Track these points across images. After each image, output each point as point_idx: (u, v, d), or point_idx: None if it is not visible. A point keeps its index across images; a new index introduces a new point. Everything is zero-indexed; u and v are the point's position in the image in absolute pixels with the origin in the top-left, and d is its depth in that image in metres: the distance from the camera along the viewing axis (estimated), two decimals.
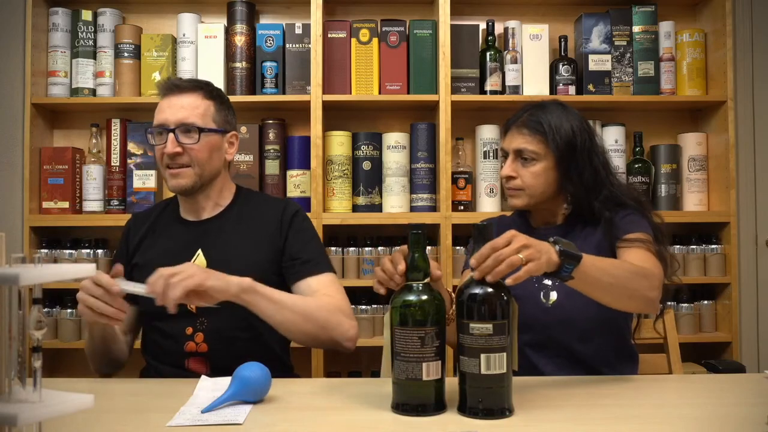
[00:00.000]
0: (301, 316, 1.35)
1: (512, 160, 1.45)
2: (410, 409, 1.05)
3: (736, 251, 2.39)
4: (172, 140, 1.45)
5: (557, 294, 1.41)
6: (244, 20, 2.37)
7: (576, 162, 1.42)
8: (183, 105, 1.47)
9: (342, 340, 1.39)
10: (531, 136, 1.43)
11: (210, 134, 1.48)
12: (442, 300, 1.06)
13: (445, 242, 2.27)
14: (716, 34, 2.42)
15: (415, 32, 2.37)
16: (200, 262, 1.45)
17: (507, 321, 1.03)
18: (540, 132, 1.42)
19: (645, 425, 1.02)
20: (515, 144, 1.45)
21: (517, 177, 1.44)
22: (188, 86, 1.50)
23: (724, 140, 2.39)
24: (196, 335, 1.43)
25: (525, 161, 1.44)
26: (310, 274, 1.46)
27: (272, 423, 1.03)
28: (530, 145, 1.43)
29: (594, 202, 1.43)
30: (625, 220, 1.41)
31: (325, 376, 2.27)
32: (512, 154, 1.46)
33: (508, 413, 1.04)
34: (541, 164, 1.43)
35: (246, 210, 1.55)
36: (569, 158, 1.42)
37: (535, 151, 1.43)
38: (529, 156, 1.43)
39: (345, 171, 2.35)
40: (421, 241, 1.07)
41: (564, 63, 2.40)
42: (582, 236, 1.45)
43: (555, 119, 1.43)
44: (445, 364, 1.06)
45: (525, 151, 1.43)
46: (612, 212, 1.42)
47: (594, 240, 1.43)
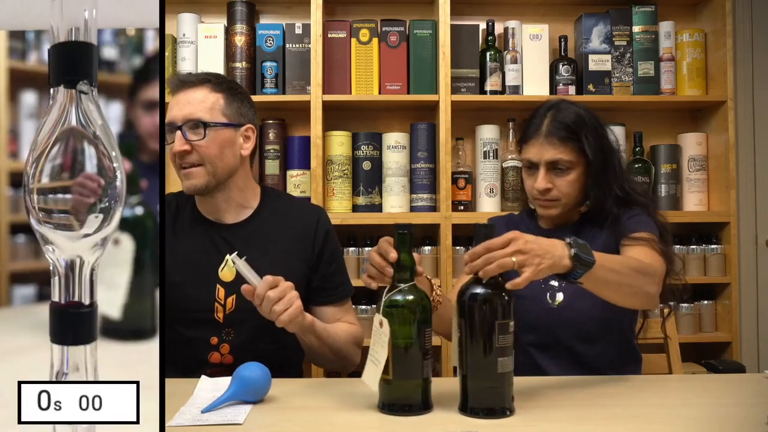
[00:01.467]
0: (333, 352, 1.41)
1: (545, 171, 1.40)
2: (398, 408, 1.05)
3: (736, 251, 2.39)
4: (179, 138, 1.38)
5: (563, 295, 1.40)
6: (244, 20, 2.37)
7: (605, 163, 1.40)
8: (189, 100, 1.40)
9: (350, 368, 1.49)
10: (563, 145, 1.39)
11: (219, 128, 1.40)
12: (428, 300, 1.07)
13: (445, 242, 2.27)
14: (716, 34, 2.42)
15: (415, 32, 2.37)
16: (229, 269, 1.39)
17: (509, 321, 1.03)
18: (572, 140, 1.39)
19: (645, 425, 1.02)
20: (548, 155, 1.39)
21: (553, 188, 1.41)
22: (195, 80, 1.43)
23: (724, 140, 2.39)
24: (222, 346, 1.39)
25: (559, 171, 1.40)
26: (339, 301, 1.50)
27: (272, 423, 1.03)
28: (564, 155, 1.39)
29: (608, 199, 1.41)
30: (632, 220, 1.40)
31: (325, 376, 2.27)
32: (545, 166, 1.40)
33: (509, 413, 1.04)
34: (575, 172, 1.40)
35: (276, 215, 1.49)
36: (601, 162, 1.39)
37: (570, 160, 1.39)
38: (564, 166, 1.39)
39: (345, 171, 2.35)
40: (407, 241, 1.07)
41: (564, 63, 2.40)
42: (591, 235, 1.43)
43: (582, 125, 1.39)
44: (431, 363, 1.07)
45: (560, 162, 1.39)
46: (621, 210, 1.41)
47: (601, 239, 1.42)
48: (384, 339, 1.04)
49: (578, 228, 1.47)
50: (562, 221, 1.49)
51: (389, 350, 1.04)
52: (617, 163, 1.43)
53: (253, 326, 1.36)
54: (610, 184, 1.41)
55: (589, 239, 1.42)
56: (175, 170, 1.43)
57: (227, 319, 1.39)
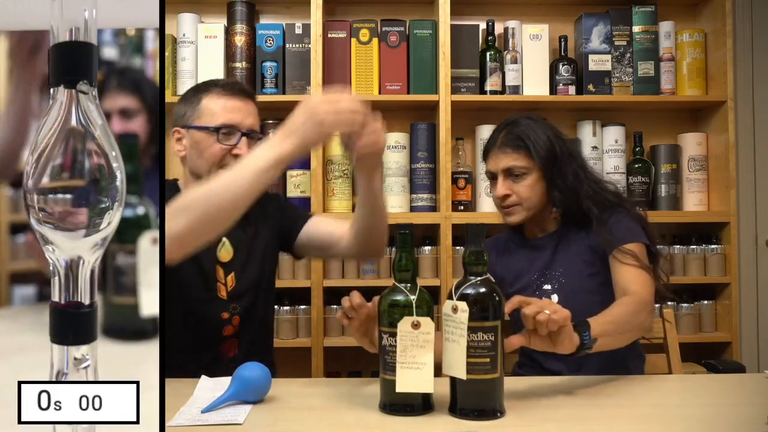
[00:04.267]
0: (384, 221, 1.45)
1: (503, 179, 1.51)
2: (398, 408, 1.05)
3: (736, 251, 2.39)
4: (245, 143, 1.45)
5: (557, 297, 1.45)
6: (244, 20, 2.37)
7: (558, 168, 1.48)
8: (250, 111, 1.48)
9: (377, 251, 1.53)
10: (515, 152, 1.49)
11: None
12: (430, 299, 1.06)
13: (445, 242, 2.27)
14: (716, 34, 2.42)
15: (415, 32, 2.37)
16: (226, 249, 1.49)
17: (500, 322, 1.03)
18: (522, 147, 1.49)
19: (645, 425, 1.02)
20: (503, 164, 1.50)
21: (512, 194, 1.50)
22: (250, 92, 1.51)
23: (724, 140, 2.39)
24: (234, 318, 1.47)
25: (516, 177, 1.50)
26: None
27: (272, 423, 1.03)
28: (517, 161, 1.49)
29: (583, 201, 1.47)
30: (620, 226, 1.45)
31: (325, 376, 2.27)
32: (501, 174, 1.51)
33: (499, 414, 1.03)
34: (531, 177, 1.49)
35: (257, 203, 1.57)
36: (552, 165, 1.48)
37: (524, 166, 1.49)
38: (519, 171, 1.49)
39: (345, 171, 2.35)
40: (409, 241, 1.07)
41: (564, 63, 2.40)
42: (576, 239, 1.50)
43: (531, 133, 1.49)
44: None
45: (514, 168, 1.49)
46: (602, 212, 1.46)
47: (586, 243, 1.49)
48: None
49: (561, 234, 1.54)
50: (543, 229, 1.57)
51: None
52: (577, 166, 1.50)
53: (252, 295, 1.50)
54: (572, 187, 1.48)
55: (577, 243, 1.50)
56: (210, 169, 1.43)
57: (230, 295, 1.48)
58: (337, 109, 1.15)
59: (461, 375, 1.00)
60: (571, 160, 1.50)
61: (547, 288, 1.49)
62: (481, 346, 1.00)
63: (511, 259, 1.59)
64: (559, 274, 1.51)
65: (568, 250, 1.51)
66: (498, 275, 1.54)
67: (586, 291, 1.46)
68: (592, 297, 1.42)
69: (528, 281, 1.53)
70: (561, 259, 1.52)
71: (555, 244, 1.54)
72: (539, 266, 1.53)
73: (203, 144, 1.44)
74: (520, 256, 1.58)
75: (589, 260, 1.48)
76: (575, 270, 1.49)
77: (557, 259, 1.52)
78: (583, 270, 1.48)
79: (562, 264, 1.51)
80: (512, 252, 1.60)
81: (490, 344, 1.01)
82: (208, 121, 1.44)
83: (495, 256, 1.59)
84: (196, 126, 1.45)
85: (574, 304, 1.31)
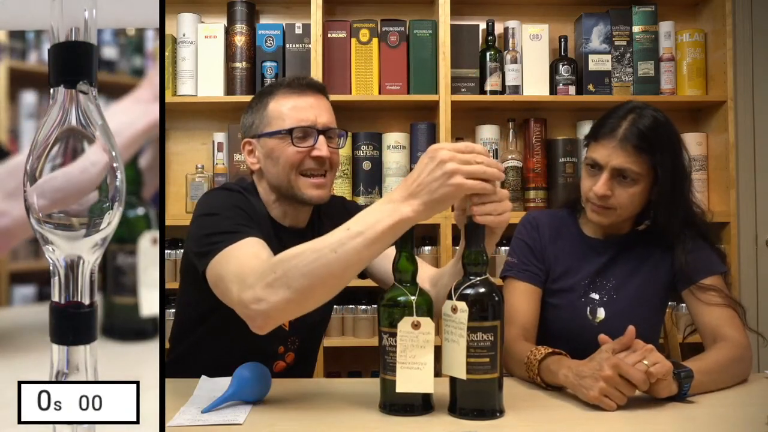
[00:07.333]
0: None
1: (609, 176, 1.30)
2: (398, 408, 1.05)
3: (736, 251, 2.39)
4: (324, 142, 1.29)
5: (604, 311, 1.37)
6: (244, 20, 2.37)
7: (673, 185, 1.31)
8: (324, 107, 1.33)
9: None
10: (637, 155, 1.28)
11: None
12: (430, 299, 1.06)
13: (445, 242, 2.27)
14: (716, 34, 2.42)
15: (415, 32, 2.37)
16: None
17: (499, 322, 1.02)
18: (646, 151, 1.28)
19: (645, 425, 1.02)
20: (617, 161, 1.29)
21: (612, 196, 1.31)
22: (320, 87, 1.36)
23: (724, 140, 2.39)
24: (287, 355, 1.38)
25: (623, 180, 1.30)
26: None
27: (272, 423, 1.03)
28: (635, 165, 1.29)
29: (673, 223, 1.33)
30: (698, 256, 1.33)
31: (325, 376, 2.27)
32: (609, 171, 1.30)
33: (499, 414, 1.03)
34: (640, 186, 1.31)
35: (325, 215, 1.43)
36: (670, 182, 1.30)
37: (640, 173, 1.29)
38: (631, 176, 1.30)
39: (345, 171, 2.35)
40: (409, 241, 1.06)
41: (564, 63, 2.40)
42: (643, 254, 1.39)
43: (660, 136, 1.29)
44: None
45: (627, 171, 1.29)
46: (692, 240, 1.34)
47: (653, 263, 1.38)
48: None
49: (629, 243, 1.40)
50: (612, 231, 1.41)
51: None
52: (689, 186, 1.35)
53: (313, 330, 1.43)
54: (676, 208, 1.32)
55: (637, 259, 1.37)
56: (289, 175, 1.30)
57: (292, 325, 1.34)
58: (470, 160, 0.96)
59: (461, 375, 1.00)
60: (686, 178, 1.34)
61: (594, 297, 1.37)
62: (480, 346, 1.00)
63: (564, 248, 1.42)
64: (611, 286, 1.38)
65: (627, 264, 1.38)
66: (547, 260, 1.41)
67: (635, 315, 1.32)
68: (641, 324, 1.18)
69: (575, 283, 1.39)
70: (617, 270, 1.39)
71: (615, 251, 1.40)
72: (591, 270, 1.39)
73: (277, 151, 1.29)
74: (573, 249, 1.42)
75: (650, 282, 1.37)
76: (630, 287, 1.38)
77: (612, 268, 1.39)
78: (638, 290, 1.37)
79: (616, 275, 1.39)
80: (565, 239, 1.43)
81: (489, 344, 1.01)
82: (278, 125, 1.29)
83: (549, 233, 1.43)
84: (267, 133, 1.30)
85: (622, 321, 1.21)
